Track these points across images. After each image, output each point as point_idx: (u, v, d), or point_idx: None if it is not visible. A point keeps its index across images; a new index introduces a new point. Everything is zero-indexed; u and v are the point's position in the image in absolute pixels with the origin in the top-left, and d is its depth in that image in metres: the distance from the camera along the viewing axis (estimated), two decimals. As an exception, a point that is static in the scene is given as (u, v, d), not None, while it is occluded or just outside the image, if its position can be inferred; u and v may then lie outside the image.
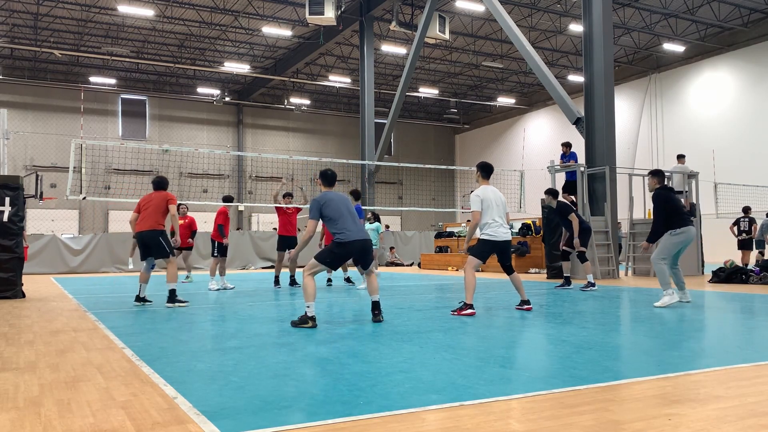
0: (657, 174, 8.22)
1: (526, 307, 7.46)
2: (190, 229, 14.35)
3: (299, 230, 13.45)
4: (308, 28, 27.03)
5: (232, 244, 21.02)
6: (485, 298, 9.31)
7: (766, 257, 16.23)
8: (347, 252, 6.48)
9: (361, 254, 6.57)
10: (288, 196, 12.27)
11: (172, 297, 8.31)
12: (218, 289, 11.32)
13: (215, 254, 11.87)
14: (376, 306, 6.59)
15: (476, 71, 33.67)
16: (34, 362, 4.44)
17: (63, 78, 32.29)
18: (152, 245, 8.42)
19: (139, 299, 8.67)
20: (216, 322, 6.75)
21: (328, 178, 6.81)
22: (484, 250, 7.28)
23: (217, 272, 11.90)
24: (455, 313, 7.05)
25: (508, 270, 7.51)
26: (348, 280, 12.84)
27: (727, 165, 23.54)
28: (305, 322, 6.10)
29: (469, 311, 7.01)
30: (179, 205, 14.27)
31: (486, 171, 7.47)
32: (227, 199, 12.28)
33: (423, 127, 42.16)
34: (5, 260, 9.73)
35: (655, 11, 25.06)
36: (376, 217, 15.47)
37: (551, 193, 11.12)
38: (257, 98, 35.88)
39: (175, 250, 11.14)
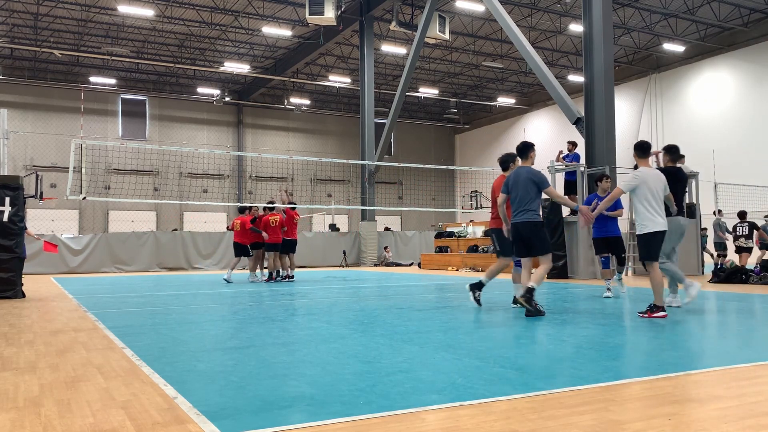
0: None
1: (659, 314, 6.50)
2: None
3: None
4: (308, 28, 27.02)
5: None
6: (485, 298, 9.30)
7: (728, 257, 16.33)
8: (511, 236, 6.99)
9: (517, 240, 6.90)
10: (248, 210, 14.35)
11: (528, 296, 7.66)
12: None
13: None
14: (527, 291, 6.65)
15: (476, 71, 33.66)
16: (34, 362, 4.44)
17: (63, 78, 32.29)
18: None
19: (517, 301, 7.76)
20: (216, 322, 6.75)
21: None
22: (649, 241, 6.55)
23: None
24: (645, 315, 6.46)
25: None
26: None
27: (727, 165, 23.51)
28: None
29: (661, 314, 6.39)
30: (250, 207, 14.43)
31: (641, 150, 6.70)
32: None
33: (423, 127, 42.15)
34: (5, 260, 9.73)
35: (655, 11, 25.06)
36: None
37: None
38: (257, 98, 35.87)
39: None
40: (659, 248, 6.63)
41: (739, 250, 16.61)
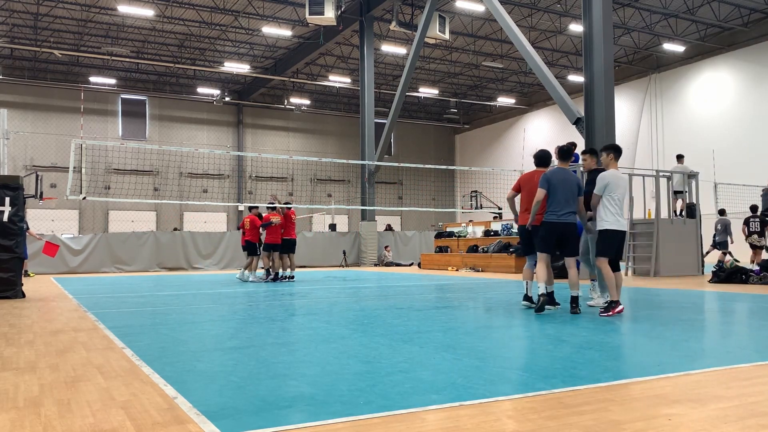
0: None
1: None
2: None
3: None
4: (308, 28, 27.02)
5: (234, 243, 21.03)
6: (485, 298, 9.31)
7: (728, 257, 16.28)
8: (546, 233, 7.00)
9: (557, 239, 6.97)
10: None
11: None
12: None
13: None
14: (573, 300, 6.99)
15: (476, 71, 33.65)
16: (34, 362, 4.44)
17: (63, 78, 32.28)
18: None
19: (527, 298, 7.71)
20: (216, 322, 6.75)
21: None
22: (611, 241, 6.84)
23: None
24: (607, 314, 6.61)
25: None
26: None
27: (727, 165, 23.52)
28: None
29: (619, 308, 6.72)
30: (253, 207, 14.42)
31: (617, 152, 7.02)
32: None
33: (423, 127, 42.15)
34: (5, 260, 9.72)
35: (655, 11, 25.05)
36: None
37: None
38: (257, 98, 35.87)
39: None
40: (613, 247, 6.90)
41: (752, 247, 16.52)
